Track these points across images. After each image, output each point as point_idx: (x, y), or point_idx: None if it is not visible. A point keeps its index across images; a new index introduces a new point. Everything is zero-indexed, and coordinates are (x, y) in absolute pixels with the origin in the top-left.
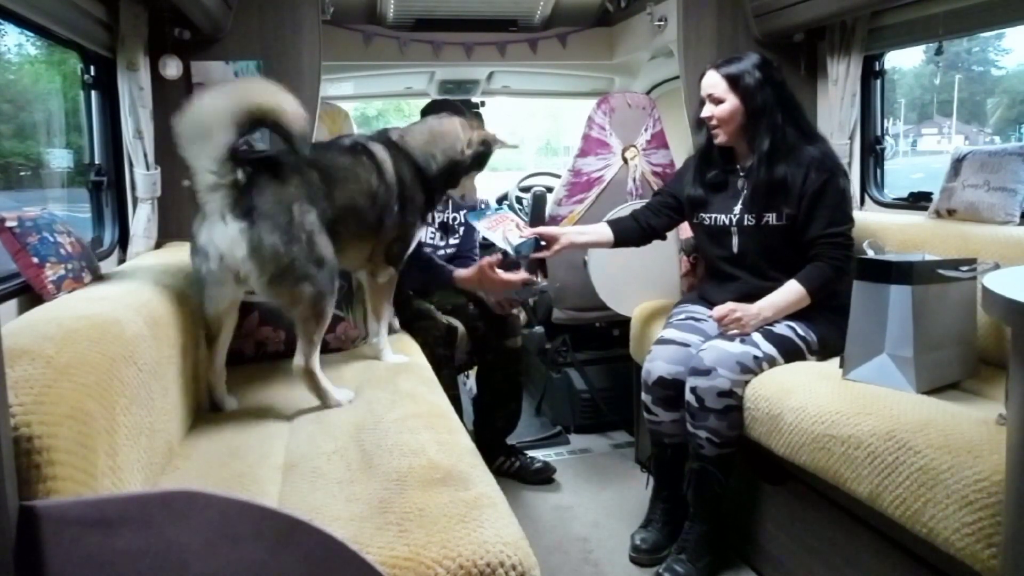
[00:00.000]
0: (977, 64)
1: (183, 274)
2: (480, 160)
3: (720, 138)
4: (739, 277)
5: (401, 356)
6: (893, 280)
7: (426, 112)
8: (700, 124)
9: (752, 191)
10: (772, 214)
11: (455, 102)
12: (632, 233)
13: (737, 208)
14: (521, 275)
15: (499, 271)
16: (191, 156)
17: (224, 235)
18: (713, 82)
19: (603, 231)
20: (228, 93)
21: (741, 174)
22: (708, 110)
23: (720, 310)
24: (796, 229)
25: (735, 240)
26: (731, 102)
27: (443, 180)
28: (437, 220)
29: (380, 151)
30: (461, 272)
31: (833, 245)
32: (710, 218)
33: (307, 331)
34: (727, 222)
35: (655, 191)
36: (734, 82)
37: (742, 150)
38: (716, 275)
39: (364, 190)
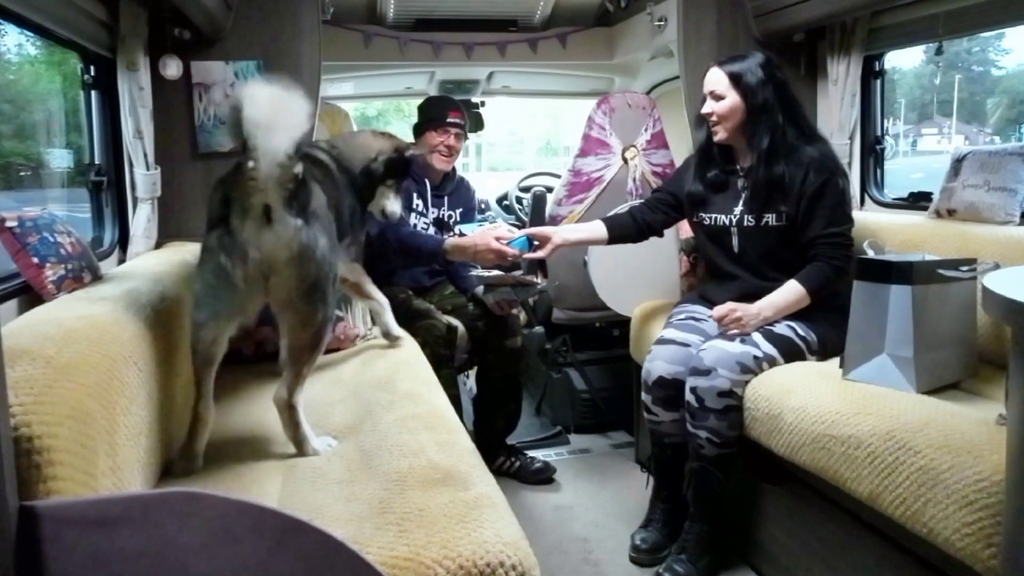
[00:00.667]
0: (977, 64)
1: (183, 274)
2: (393, 168)
3: (720, 135)
4: (739, 277)
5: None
6: (893, 280)
7: (423, 108)
8: (701, 121)
9: (752, 191)
10: (772, 215)
11: (454, 99)
12: (628, 229)
13: (737, 208)
14: (513, 251)
15: (499, 243)
16: (266, 135)
17: (270, 232)
18: (716, 78)
19: (597, 228)
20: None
21: (741, 174)
22: (709, 106)
23: (720, 310)
24: (796, 229)
25: (735, 240)
26: (732, 99)
27: (366, 188)
28: (432, 217)
29: (325, 157)
30: (453, 240)
31: (833, 245)
32: (710, 218)
33: (300, 361)
34: (727, 222)
35: (654, 189)
36: (736, 79)
37: (741, 149)
38: (716, 275)
39: (336, 196)
